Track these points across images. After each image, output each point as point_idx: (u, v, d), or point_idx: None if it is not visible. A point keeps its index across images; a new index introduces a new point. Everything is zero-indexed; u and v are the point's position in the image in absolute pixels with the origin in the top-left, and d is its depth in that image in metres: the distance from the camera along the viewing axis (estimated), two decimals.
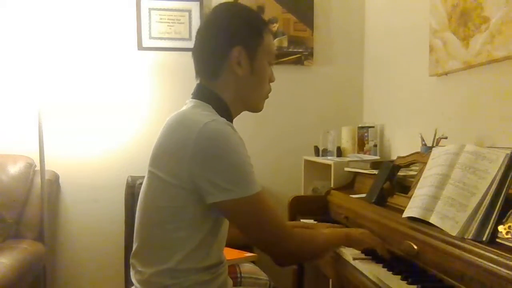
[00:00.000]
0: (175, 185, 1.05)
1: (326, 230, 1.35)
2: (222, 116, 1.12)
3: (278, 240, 1.09)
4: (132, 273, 1.17)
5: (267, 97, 1.25)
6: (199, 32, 1.21)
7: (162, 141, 1.12)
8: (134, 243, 1.18)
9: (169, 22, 2.60)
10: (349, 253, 1.35)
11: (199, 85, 1.20)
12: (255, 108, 1.25)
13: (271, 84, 1.26)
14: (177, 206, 1.07)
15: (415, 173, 1.48)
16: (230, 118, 1.17)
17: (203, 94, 1.17)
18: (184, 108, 1.18)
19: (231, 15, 1.20)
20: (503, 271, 0.88)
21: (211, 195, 1.03)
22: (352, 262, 1.32)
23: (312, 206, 2.02)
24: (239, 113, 1.23)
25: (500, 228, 0.99)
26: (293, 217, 2.00)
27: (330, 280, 2.18)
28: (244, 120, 1.33)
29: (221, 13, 1.21)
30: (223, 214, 1.10)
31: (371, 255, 1.31)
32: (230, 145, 1.05)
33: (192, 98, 1.19)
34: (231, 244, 1.41)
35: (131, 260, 1.18)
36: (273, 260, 1.12)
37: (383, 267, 1.20)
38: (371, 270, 1.21)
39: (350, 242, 1.31)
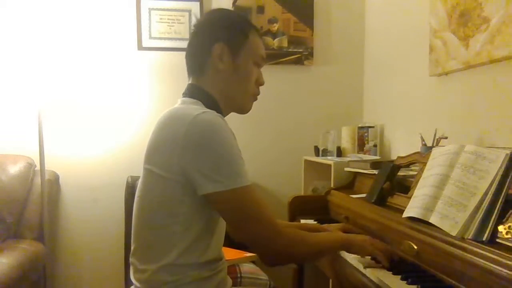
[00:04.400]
0: (168, 178, 1.06)
1: (323, 233, 1.32)
2: None
3: (266, 237, 1.07)
4: (131, 272, 1.18)
5: (255, 99, 1.26)
6: (190, 34, 1.25)
7: (154, 138, 1.13)
8: (132, 242, 1.18)
9: (169, 22, 2.60)
10: (354, 258, 1.32)
11: (189, 84, 1.22)
12: (241, 107, 1.25)
13: (264, 81, 1.26)
14: (172, 200, 1.07)
15: (415, 173, 1.48)
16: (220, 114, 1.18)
17: (192, 92, 1.20)
18: (175, 106, 1.19)
19: (217, 16, 1.26)
20: (503, 271, 0.88)
21: (201, 187, 1.03)
22: (354, 263, 1.31)
23: (312, 206, 2.02)
24: (228, 113, 1.24)
25: (500, 228, 0.98)
26: (293, 217, 2.00)
27: (330, 280, 2.18)
28: (244, 120, 1.33)
29: (209, 16, 1.29)
30: (213, 207, 1.08)
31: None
32: (221, 136, 1.05)
33: (183, 97, 1.21)
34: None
35: (131, 259, 1.18)
36: (261, 258, 1.11)
37: (383, 267, 1.20)
38: (371, 270, 1.20)
39: (350, 248, 1.27)
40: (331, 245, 1.25)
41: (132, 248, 1.18)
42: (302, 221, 1.88)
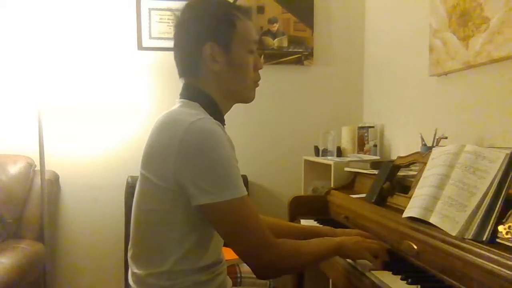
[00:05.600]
0: (163, 187, 1.04)
1: (315, 240, 1.25)
2: (211, 113, 1.11)
3: (259, 250, 1.04)
4: (129, 274, 1.17)
5: (257, 85, 1.21)
6: (173, 35, 1.18)
7: (150, 143, 1.11)
8: (130, 245, 1.17)
9: (169, 22, 2.60)
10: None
11: (185, 84, 1.18)
12: (244, 99, 1.20)
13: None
14: (167, 209, 1.05)
15: (415, 173, 1.48)
16: (219, 115, 1.15)
17: (189, 92, 1.15)
18: (172, 108, 1.16)
19: (197, 12, 1.15)
20: (503, 271, 0.88)
21: (194, 198, 1.00)
22: (354, 263, 1.31)
23: (312, 206, 2.02)
24: (230, 107, 1.21)
25: (500, 228, 0.98)
26: (293, 217, 2.00)
27: (330, 280, 2.18)
28: (244, 120, 1.33)
29: (189, 12, 1.16)
30: (206, 217, 1.04)
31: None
32: (215, 146, 1.01)
33: (180, 98, 1.17)
34: None
35: (129, 262, 1.17)
36: (255, 271, 1.07)
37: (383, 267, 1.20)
38: (370, 270, 1.20)
39: (343, 253, 1.24)
40: (325, 253, 1.21)
41: (130, 252, 1.17)
42: (302, 221, 1.88)
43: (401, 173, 1.59)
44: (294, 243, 1.16)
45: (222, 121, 1.16)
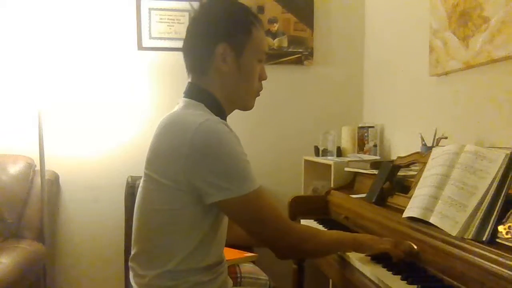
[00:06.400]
0: (171, 187, 1.05)
1: (334, 232, 1.30)
2: (215, 114, 1.12)
3: (280, 234, 1.10)
4: (131, 276, 1.17)
5: (258, 95, 1.23)
6: (187, 28, 1.20)
7: (156, 144, 1.11)
8: (132, 247, 1.17)
9: (169, 22, 2.60)
10: (354, 258, 1.31)
11: (190, 83, 1.19)
12: (244, 106, 1.22)
13: (264, 82, 1.23)
14: (175, 209, 1.06)
15: (415, 173, 1.48)
16: (223, 116, 1.16)
17: (194, 92, 1.16)
18: (176, 108, 1.17)
19: (217, 11, 1.18)
20: (503, 271, 0.88)
21: (210, 196, 1.03)
22: (353, 262, 1.31)
23: (312, 206, 2.02)
24: (231, 111, 1.22)
25: (500, 228, 0.98)
26: (293, 217, 2.00)
27: (330, 280, 2.18)
28: (244, 120, 1.33)
29: (208, 9, 1.19)
30: (223, 213, 1.10)
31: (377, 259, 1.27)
32: (225, 144, 1.04)
33: (184, 97, 1.18)
34: (233, 244, 1.39)
35: (130, 264, 1.17)
36: (275, 253, 1.12)
37: (383, 267, 1.20)
38: (371, 270, 1.20)
39: (360, 248, 1.25)
40: (342, 243, 1.25)
41: (132, 252, 1.17)
42: (302, 221, 1.88)
43: (401, 173, 1.59)
44: (312, 228, 1.25)
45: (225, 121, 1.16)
